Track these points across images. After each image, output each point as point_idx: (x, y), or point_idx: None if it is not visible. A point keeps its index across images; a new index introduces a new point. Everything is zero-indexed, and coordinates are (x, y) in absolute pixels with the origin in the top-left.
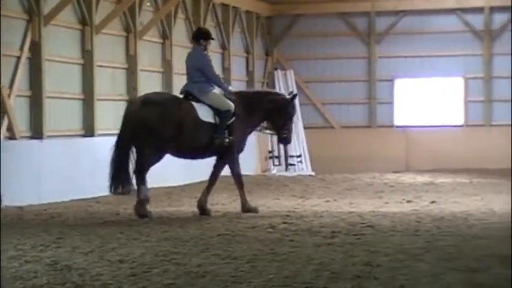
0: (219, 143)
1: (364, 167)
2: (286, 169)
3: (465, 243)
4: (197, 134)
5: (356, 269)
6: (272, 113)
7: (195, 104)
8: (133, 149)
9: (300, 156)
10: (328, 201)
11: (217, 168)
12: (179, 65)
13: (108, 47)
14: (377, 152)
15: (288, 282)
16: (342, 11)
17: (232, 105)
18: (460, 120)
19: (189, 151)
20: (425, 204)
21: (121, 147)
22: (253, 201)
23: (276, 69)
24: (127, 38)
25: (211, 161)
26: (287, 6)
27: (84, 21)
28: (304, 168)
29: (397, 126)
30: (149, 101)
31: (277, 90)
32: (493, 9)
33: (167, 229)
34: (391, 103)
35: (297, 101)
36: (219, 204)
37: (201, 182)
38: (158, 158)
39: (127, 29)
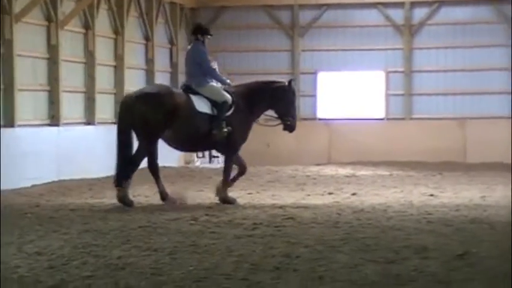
0: (217, 134)
1: (287, 160)
2: (210, 161)
3: (383, 234)
4: (193, 123)
5: (276, 260)
6: (273, 101)
7: (192, 96)
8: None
9: None
10: (250, 193)
11: (228, 162)
12: (102, 55)
13: (28, 36)
14: (300, 144)
15: (207, 274)
16: (265, 4)
17: (229, 97)
18: (381, 114)
19: (187, 142)
20: (346, 197)
21: (121, 141)
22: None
23: None
24: (48, 27)
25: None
26: None
27: (4, 10)
28: None
29: (320, 119)
30: (142, 93)
31: (274, 78)
32: (413, 4)
33: (88, 221)
34: (314, 96)
35: (294, 86)
36: (142, 196)
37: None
38: (150, 150)
39: (48, 19)
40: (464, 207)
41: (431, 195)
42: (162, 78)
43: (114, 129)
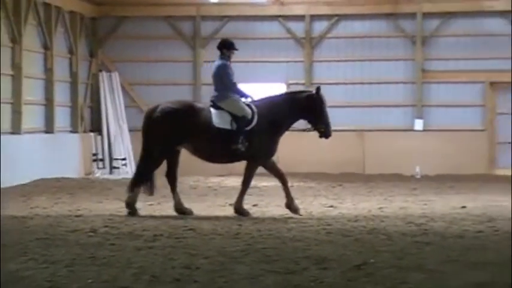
0: (235, 149)
1: (188, 170)
2: (111, 172)
3: (284, 245)
4: (210, 139)
5: (176, 272)
6: (303, 111)
7: (213, 110)
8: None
9: (124, 159)
10: (151, 204)
11: (247, 173)
12: (3, 64)
13: None
14: None
15: (106, 287)
16: (167, 15)
17: (248, 111)
18: None
19: (210, 156)
20: (247, 208)
21: (143, 151)
22: (74, 204)
23: (100, 71)
24: None
25: (36, 162)
26: (112, 7)
27: None
28: (129, 171)
29: None
30: (163, 106)
31: (304, 88)
32: (313, 17)
33: None
34: None
35: (323, 93)
36: (40, 207)
37: (24, 185)
38: (160, 162)
39: None
40: (362, 218)
41: (331, 206)
42: (61, 89)
43: (12, 139)
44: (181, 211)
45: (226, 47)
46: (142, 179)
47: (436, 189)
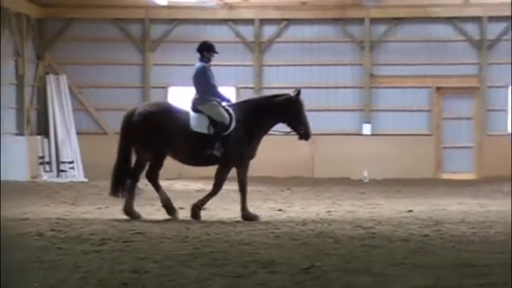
0: (210, 154)
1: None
2: (58, 175)
3: (232, 249)
4: (187, 144)
5: (123, 276)
6: (282, 114)
7: (192, 114)
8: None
9: (72, 162)
10: (99, 208)
11: (218, 176)
12: None
13: None
14: None
15: None
16: (116, 17)
17: (226, 117)
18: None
19: (187, 159)
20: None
21: (119, 153)
22: (21, 208)
23: (47, 73)
24: None
25: None
26: (60, 9)
27: None
28: (76, 174)
29: None
30: (141, 110)
31: (281, 92)
32: (262, 21)
33: None
34: None
35: (301, 97)
36: None
37: None
38: (162, 161)
39: None
40: (311, 221)
41: (280, 210)
42: (6, 91)
43: None
44: (131, 213)
45: (206, 49)
46: (123, 182)
47: (383, 193)
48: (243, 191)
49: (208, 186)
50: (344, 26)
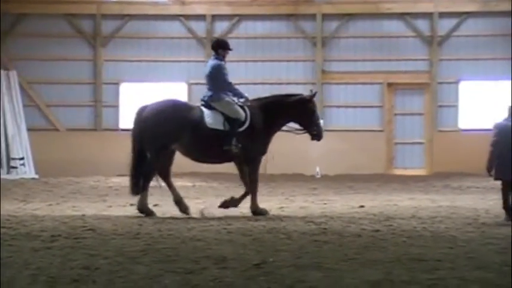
0: (227, 150)
1: (89, 170)
2: (8, 172)
3: (183, 245)
4: (202, 139)
5: (74, 272)
6: (294, 114)
7: (206, 111)
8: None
9: (22, 158)
10: (50, 204)
11: (252, 176)
12: None
13: None
14: (102, 155)
15: None
16: (67, 12)
17: (242, 113)
18: None
19: (201, 156)
20: (149, 207)
21: (132, 152)
22: None
23: None
24: None
25: None
26: (10, 5)
27: None
28: (27, 171)
29: (123, 130)
30: (154, 107)
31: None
32: (214, 17)
33: None
34: (116, 106)
35: (315, 98)
36: None
37: None
38: (159, 161)
39: None
40: (263, 217)
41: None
42: None
43: None
44: (146, 211)
45: (221, 46)
46: (138, 180)
47: (335, 189)
48: (252, 187)
49: (161, 183)
50: (296, 22)
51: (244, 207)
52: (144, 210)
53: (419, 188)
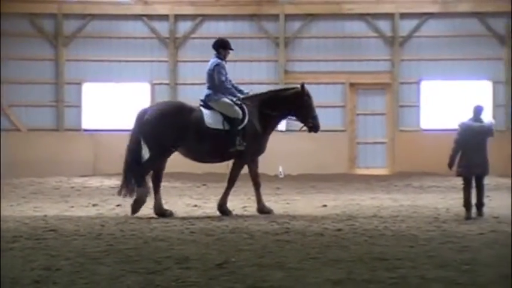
0: (234, 150)
1: (51, 171)
2: None
3: (146, 245)
4: (203, 139)
5: (35, 273)
6: (290, 107)
7: (205, 111)
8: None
9: None
10: (11, 205)
11: (234, 172)
12: None
13: None
14: (65, 155)
15: None
16: (28, 12)
17: (239, 112)
18: None
19: (201, 156)
20: (111, 208)
21: (127, 154)
22: None
23: None
24: None
25: None
26: None
27: None
28: None
29: (85, 130)
30: (155, 109)
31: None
32: (177, 17)
33: None
34: (79, 107)
35: (307, 88)
36: None
37: None
38: (156, 163)
39: None
40: (225, 217)
41: (195, 205)
42: None
43: None
44: (162, 213)
45: (222, 46)
46: (129, 182)
47: (298, 189)
48: (256, 185)
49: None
50: (259, 22)
51: (207, 207)
52: (161, 212)
53: (381, 188)
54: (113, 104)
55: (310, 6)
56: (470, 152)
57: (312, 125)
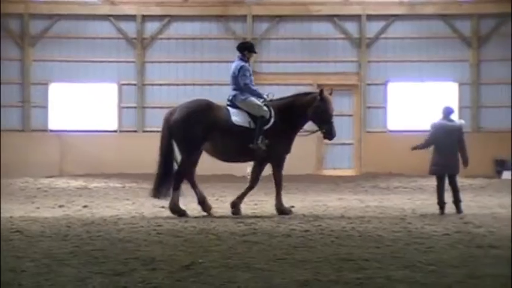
0: (256, 148)
1: (17, 172)
2: None
3: (112, 246)
4: (230, 136)
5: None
6: (311, 112)
7: (231, 109)
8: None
9: None
10: None
11: (256, 172)
12: None
13: None
14: (31, 156)
15: None
16: None
17: (266, 111)
18: (114, 126)
19: (227, 153)
20: (77, 209)
21: (161, 156)
22: None
23: None
24: None
25: None
26: None
27: None
28: None
29: (52, 131)
30: (182, 108)
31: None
32: (145, 18)
33: None
34: (45, 107)
35: (327, 94)
36: None
37: None
38: (191, 163)
39: None
40: (193, 218)
41: (163, 207)
42: None
43: None
44: (205, 207)
45: (247, 49)
46: (167, 182)
47: (266, 190)
48: (278, 185)
49: (90, 184)
50: (226, 23)
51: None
52: (176, 210)
53: (348, 189)
54: (80, 104)
55: (278, 8)
56: (442, 151)
57: (325, 132)
